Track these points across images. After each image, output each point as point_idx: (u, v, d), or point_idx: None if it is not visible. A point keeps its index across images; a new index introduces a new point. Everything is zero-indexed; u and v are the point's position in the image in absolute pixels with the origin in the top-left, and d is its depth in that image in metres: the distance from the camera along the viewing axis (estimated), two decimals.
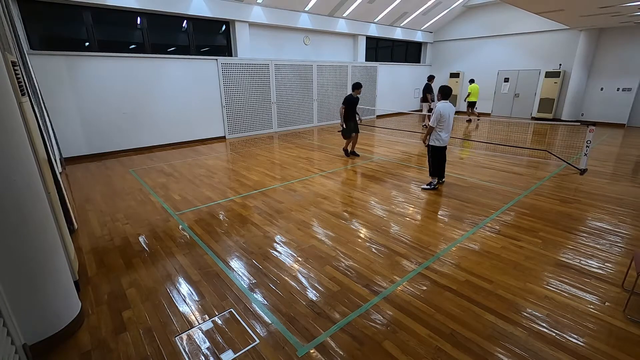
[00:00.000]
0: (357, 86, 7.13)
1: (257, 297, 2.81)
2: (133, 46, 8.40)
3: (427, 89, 11.58)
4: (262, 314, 2.60)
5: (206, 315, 2.60)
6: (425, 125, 12.15)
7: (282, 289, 2.91)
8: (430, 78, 11.74)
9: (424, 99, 11.78)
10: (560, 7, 8.21)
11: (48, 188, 2.72)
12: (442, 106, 4.94)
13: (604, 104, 11.95)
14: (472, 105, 12.86)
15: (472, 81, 12.69)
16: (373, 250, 3.56)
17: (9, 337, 2.01)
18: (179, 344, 2.32)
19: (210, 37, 9.80)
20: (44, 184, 2.55)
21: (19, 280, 2.13)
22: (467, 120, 13.24)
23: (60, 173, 6.35)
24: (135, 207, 4.81)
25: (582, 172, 6.20)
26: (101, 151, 7.88)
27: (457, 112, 15.14)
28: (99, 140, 7.83)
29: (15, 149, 2.06)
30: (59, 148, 7.06)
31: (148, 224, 4.28)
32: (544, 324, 2.47)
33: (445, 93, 5.02)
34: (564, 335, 2.36)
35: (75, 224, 4.09)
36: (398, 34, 14.60)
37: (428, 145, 5.29)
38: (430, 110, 12.01)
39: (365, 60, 13.85)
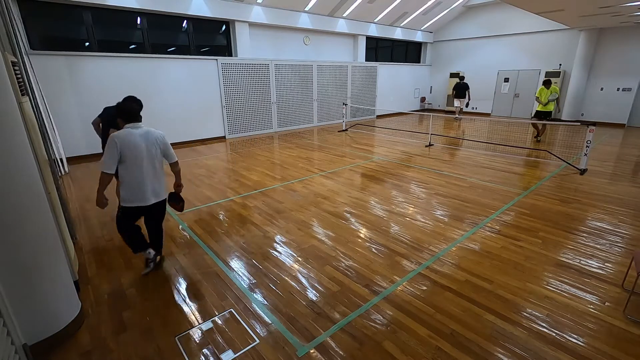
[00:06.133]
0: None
1: (257, 297, 2.81)
2: (133, 46, 8.40)
3: (466, 87, 12.44)
4: (262, 314, 2.60)
5: (206, 315, 2.60)
6: (457, 118, 12.91)
7: (282, 289, 2.91)
8: (462, 78, 12.78)
9: (463, 95, 12.39)
10: (560, 7, 8.21)
11: (48, 188, 2.72)
12: (124, 134, 2.83)
13: (604, 104, 11.94)
14: (543, 116, 8.75)
15: (547, 82, 8.54)
16: (373, 250, 3.56)
17: (9, 337, 2.01)
18: (179, 344, 2.32)
19: (210, 37, 9.80)
20: (44, 184, 2.55)
21: (19, 280, 2.12)
22: (535, 138, 9.20)
23: (62, 175, 6.36)
24: None
25: (582, 172, 6.20)
26: (101, 151, 7.86)
27: (458, 110, 15.31)
28: (98, 140, 7.79)
29: (15, 149, 2.06)
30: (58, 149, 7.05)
31: None
32: (544, 324, 2.47)
33: (127, 112, 2.96)
34: (564, 335, 2.36)
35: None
36: (398, 34, 14.60)
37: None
38: (467, 106, 12.71)
39: (365, 60, 13.84)
